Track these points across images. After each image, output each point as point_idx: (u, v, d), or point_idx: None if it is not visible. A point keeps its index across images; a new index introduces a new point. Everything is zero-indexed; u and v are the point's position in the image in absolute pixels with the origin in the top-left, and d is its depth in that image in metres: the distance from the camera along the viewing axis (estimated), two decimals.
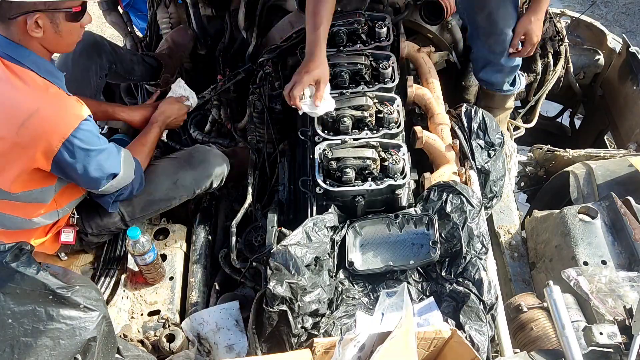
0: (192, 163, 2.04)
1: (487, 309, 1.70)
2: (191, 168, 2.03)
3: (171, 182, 1.98)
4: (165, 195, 1.99)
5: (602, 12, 4.00)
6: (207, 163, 2.06)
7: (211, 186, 2.09)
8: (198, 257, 2.15)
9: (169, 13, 2.82)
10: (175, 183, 1.98)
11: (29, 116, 1.56)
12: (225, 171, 2.13)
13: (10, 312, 1.26)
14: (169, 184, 1.98)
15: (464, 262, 1.79)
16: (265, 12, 2.70)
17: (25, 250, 1.32)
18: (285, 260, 1.72)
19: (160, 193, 1.95)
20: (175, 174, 2.01)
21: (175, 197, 2.02)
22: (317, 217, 1.85)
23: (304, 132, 2.09)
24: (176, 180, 1.99)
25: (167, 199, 2.01)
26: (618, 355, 1.62)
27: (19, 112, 1.57)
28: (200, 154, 2.09)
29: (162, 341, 1.82)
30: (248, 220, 2.22)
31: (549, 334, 1.77)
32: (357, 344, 1.37)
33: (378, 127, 2.00)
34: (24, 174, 1.66)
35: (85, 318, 1.31)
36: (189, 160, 2.04)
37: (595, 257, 1.95)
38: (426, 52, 2.50)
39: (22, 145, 1.59)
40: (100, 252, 2.07)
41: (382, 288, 1.76)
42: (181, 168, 2.02)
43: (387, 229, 1.87)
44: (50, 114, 1.59)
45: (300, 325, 1.67)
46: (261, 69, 2.48)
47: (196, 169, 2.04)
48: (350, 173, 1.84)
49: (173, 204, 2.06)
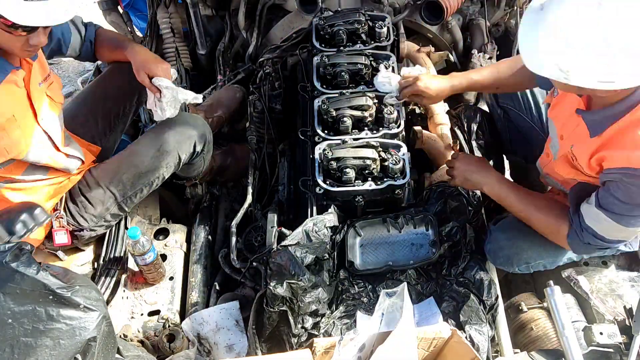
0: (171, 125, 2.03)
1: (487, 309, 1.70)
2: (171, 130, 2.02)
3: (155, 149, 1.98)
4: (151, 164, 1.98)
5: None
6: (186, 124, 2.05)
7: (195, 150, 2.06)
8: (198, 257, 2.15)
9: (169, 13, 2.82)
10: (159, 150, 1.98)
11: None
12: (207, 134, 2.11)
13: (10, 312, 1.26)
14: (153, 152, 1.97)
15: (464, 262, 1.79)
16: (265, 12, 2.70)
17: (25, 250, 1.32)
18: (285, 260, 1.72)
19: (146, 163, 1.96)
20: (158, 140, 2.00)
21: (161, 165, 2.00)
22: (317, 217, 1.85)
23: (304, 132, 2.09)
24: (159, 147, 1.98)
25: (154, 168, 1.99)
26: (618, 355, 1.62)
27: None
28: (179, 117, 2.06)
29: (162, 341, 1.82)
30: (248, 220, 2.22)
31: (549, 334, 1.77)
32: (357, 344, 1.38)
33: (378, 127, 2.00)
34: None
35: (85, 318, 1.31)
36: (169, 123, 2.03)
37: (596, 257, 1.95)
38: (426, 52, 2.50)
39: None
40: (100, 252, 2.07)
41: (382, 288, 1.76)
42: (162, 133, 2.01)
43: (386, 229, 1.87)
44: None
45: (300, 325, 1.67)
46: (261, 69, 2.48)
47: (177, 131, 2.02)
48: (350, 173, 1.84)
49: (161, 175, 2.03)
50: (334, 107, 1.97)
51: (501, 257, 1.81)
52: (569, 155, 1.61)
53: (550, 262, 1.82)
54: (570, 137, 1.62)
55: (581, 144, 1.55)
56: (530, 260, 1.79)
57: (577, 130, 1.57)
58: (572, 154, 1.60)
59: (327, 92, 2.07)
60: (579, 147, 1.57)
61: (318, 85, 2.09)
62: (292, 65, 2.53)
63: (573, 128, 1.60)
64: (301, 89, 2.27)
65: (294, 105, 2.42)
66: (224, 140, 2.62)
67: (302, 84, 2.28)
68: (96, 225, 2.00)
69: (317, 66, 2.12)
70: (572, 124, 1.61)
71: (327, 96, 2.03)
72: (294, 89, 2.37)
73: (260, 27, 2.71)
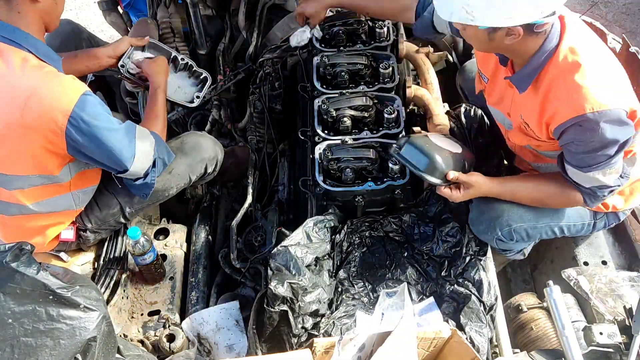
0: (184, 150, 2.03)
1: (487, 309, 1.70)
2: (184, 155, 2.02)
3: (166, 172, 1.97)
4: (161, 185, 1.98)
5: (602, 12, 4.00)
6: (199, 148, 2.06)
7: (206, 171, 2.08)
8: (198, 257, 2.15)
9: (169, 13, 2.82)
10: (170, 173, 1.98)
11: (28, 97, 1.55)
12: (219, 155, 2.12)
13: (11, 312, 1.26)
14: (164, 175, 1.97)
15: (463, 262, 1.79)
16: (265, 12, 2.70)
17: (25, 250, 1.31)
18: (285, 260, 1.72)
19: (157, 184, 1.95)
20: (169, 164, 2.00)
21: (171, 186, 2.02)
22: (317, 217, 1.85)
23: (304, 132, 2.09)
24: (171, 170, 1.98)
25: (164, 189, 2.00)
26: (618, 355, 1.62)
27: (18, 93, 1.56)
28: (191, 140, 2.08)
29: (162, 341, 1.83)
30: (248, 220, 2.22)
31: (549, 334, 1.77)
32: (357, 344, 1.38)
33: (378, 127, 2.00)
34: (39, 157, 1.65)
35: (85, 318, 1.31)
36: (181, 147, 2.03)
37: (596, 257, 1.95)
38: (425, 52, 2.50)
39: (32, 127, 1.58)
40: (100, 252, 2.07)
41: (382, 288, 1.76)
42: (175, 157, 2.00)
43: None
44: (48, 91, 1.57)
45: (300, 326, 1.67)
46: (261, 69, 2.48)
47: (189, 156, 2.03)
48: (350, 173, 1.84)
49: (171, 194, 2.05)
50: (334, 107, 1.97)
51: (483, 222, 1.80)
52: (522, 125, 1.72)
53: (532, 228, 1.82)
54: (514, 108, 1.74)
55: (524, 109, 1.67)
56: (512, 223, 1.79)
57: (516, 98, 1.70)
58: (524, 122, 1.70)
59: (327, 92, 2.07)
60: (526, 113, 1.67)
61: (318, 85, 2.10)
62: (292, 65, 2.53)
63: (511, 99, 1.73)
64: (301, 89, 2.27)
65: (294, 105, 2.42)
66: (224, 140, 2.62)
67: (302, 84, 2.28)
68: (99, 228, 1.99)
69: (317, 66, 2.12)
70: (509, 97, 1.74)
71: (327, 96, 2.03)
72: (294, 89, 2.37)
73: (260, 27, 2.71)
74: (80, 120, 1.59)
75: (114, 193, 1.95)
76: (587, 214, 1.86)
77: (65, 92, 1.59)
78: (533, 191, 1.76)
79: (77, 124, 1.59)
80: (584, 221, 1.86)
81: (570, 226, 1.86)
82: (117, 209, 1.97)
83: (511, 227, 1.79)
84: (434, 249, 1.84)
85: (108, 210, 1.96)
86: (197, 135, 2.14)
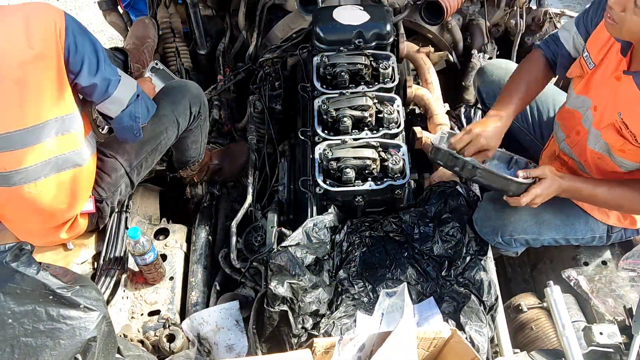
0: (165, 91, 2.10)
1: (487, 309, 1.70)
2: (166, 95, 2.08)
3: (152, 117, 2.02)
4: (152, 131, 2.02)
5: None
6: (179, 88, 2.11)
7: (192, 113, 2.11)
8: (198, 257, 2.15)
9: (169, 13, 2.82)
10: (156, 115, 2.01)
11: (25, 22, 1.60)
12: (201, 95, 2.16)
13: (10, 312, 1.26)
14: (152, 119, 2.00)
15: (463, 262, 1.79)
16: (265, 12, 2.70)
17: (25, 250, 1.32)
18: (286, 261, 1.72)
19: (147, 131, 1.98)
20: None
21: (161, 130, 2.05)
22: (317, 217, 1.85)
23: (304, 132, 2.09)
24: (157, 114, 2.02)
25: (155, 135, 2.04)
26: (618, 355, 1.62)
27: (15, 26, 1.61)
28: (171, 84, 2.15)
29: (162, 341, 1.83)
30: (248, 220, 2.22)
31: (549, 334, 1.77)
32: (357, 344, 1.38)
33: (378, 127, 2.00)
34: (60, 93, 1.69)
35: (85, 318, 1.31)
36: (162, 91, 2.11)
37: (596, 258, 1.95)
38: (425, 52, 2.50)
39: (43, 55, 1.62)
40: (100, 252, 2.07)
41: (382, 288, 1.76)
42: (156, 99, 2.06)
43: None
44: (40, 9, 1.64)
45: (300, 326, 1.67)
46: (261, 69, 2.48)
47: (170, 95, 2.08)
48: (350, 173, 1.84)
49: (163, 141, 2.07)
50: (334, 107, 1.97)
51: (487, 226, 1.81)
52: (617, 124, 1.56)
53: (533, 239, 1.82)
54: (613, 104, 1.57)
55: (632, 108, 1.51)
56: (515, 234, 1.79)
57: (624, 95, 1.52)
58: (621, 122, 1.54)
59: (327, 92, 2.07)
60: (630, 113, 1.51)
61: (318, 85, 2.09)
62: (292, 65, 2.53)
63: (614, 93, 1.56)
64: (301, 89, 2.27)
65: (294, 105, 2.42)
66: (224, 140, 2.62)
67: (302, 84, 2.28)
68: (112, 196, 2.03)
69: (317, 66, 2.12)
70: (611, 90, 1.57)
71: (327, 96, 2.03)
72: (294, 89, 2.37)
73: (260, 27, 2.71)
74: (72, 20, 1.68)
75: (115, 156, 2.00)
76: (600, 227, 1.81)
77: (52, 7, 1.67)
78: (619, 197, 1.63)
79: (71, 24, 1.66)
80: (594, 234, 1.83)
81: (578, 239, 1.85)
82: (122, 171, 2.01)
83: (513, 237, 1.80)
84: (434, 249, 1.84)
85: (116, 173, 2.00)
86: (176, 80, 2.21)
